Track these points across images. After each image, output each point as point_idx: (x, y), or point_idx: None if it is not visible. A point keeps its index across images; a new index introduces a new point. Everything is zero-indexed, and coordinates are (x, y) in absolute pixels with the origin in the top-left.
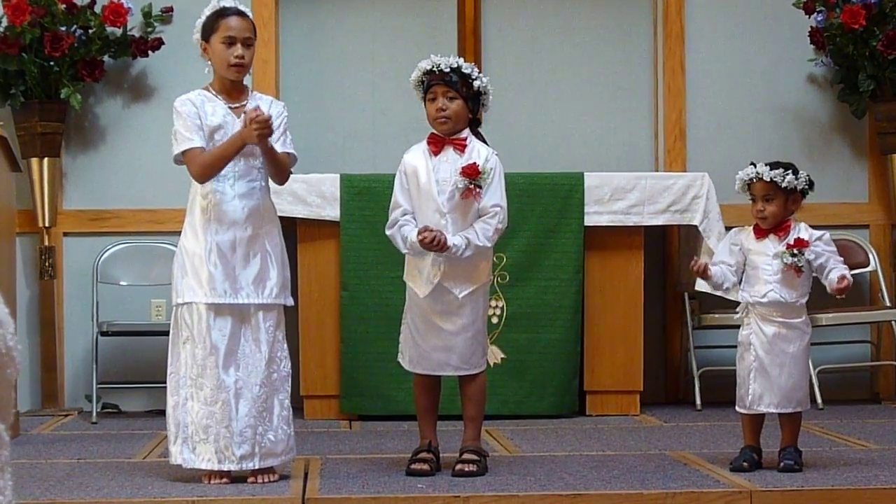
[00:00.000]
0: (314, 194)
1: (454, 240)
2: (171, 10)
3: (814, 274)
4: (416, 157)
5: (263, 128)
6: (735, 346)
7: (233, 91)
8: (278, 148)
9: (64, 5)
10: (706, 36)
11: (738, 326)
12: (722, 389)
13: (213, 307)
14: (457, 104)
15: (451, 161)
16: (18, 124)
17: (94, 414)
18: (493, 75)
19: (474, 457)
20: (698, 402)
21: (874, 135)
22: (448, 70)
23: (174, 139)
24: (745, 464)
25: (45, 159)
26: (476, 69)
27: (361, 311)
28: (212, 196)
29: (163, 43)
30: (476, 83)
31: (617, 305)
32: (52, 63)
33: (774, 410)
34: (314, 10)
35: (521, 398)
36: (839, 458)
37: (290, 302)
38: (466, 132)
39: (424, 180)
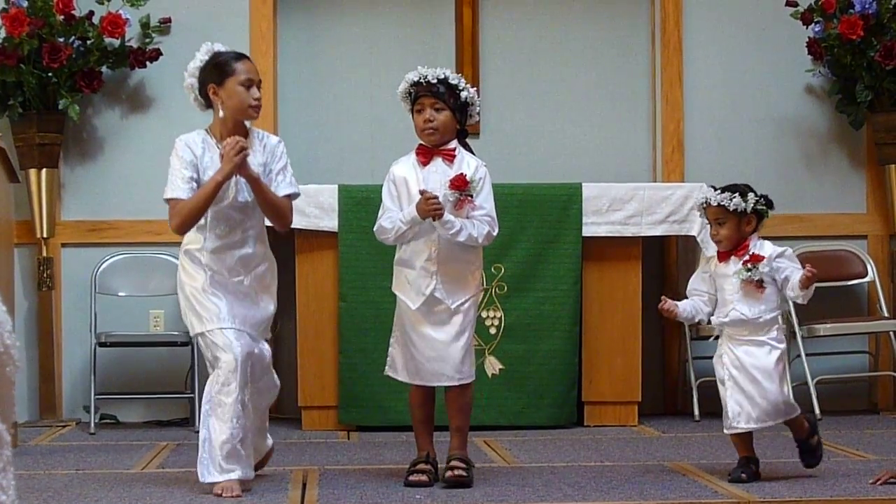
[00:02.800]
0: (312, 205)
1: (451, 218)
2: (169, 21)
3: (780, 290)
4: (405, 168)
5: (237, 151)
6: None
7: (234, 134)
8: (279, 191)
9: (62, 16)
10: (704, 46)
11: None
12: (720, 400)
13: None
14: (444, 115)
15: (440, 172)
16: (17, 135)
17: (93, 425)
18: (490, 85)
19: (462, 464)
20: (696, 412)
21: (872, 145)
22: (435, 81)
23: (167, 180)
24: (743, 475)
25: (44, 170)
26: (463, 80)
27: (359, 322)
28: (203, 243)
29: (161, 54)
30: (463, 94)
31: (615, 316)
32: (50, 74)
33: (755, 426)
34: (312, 21)
35: (519, 409)
36: (837, 469)
37: (268, 335)
38: (454, 143)
39: (415, 191)
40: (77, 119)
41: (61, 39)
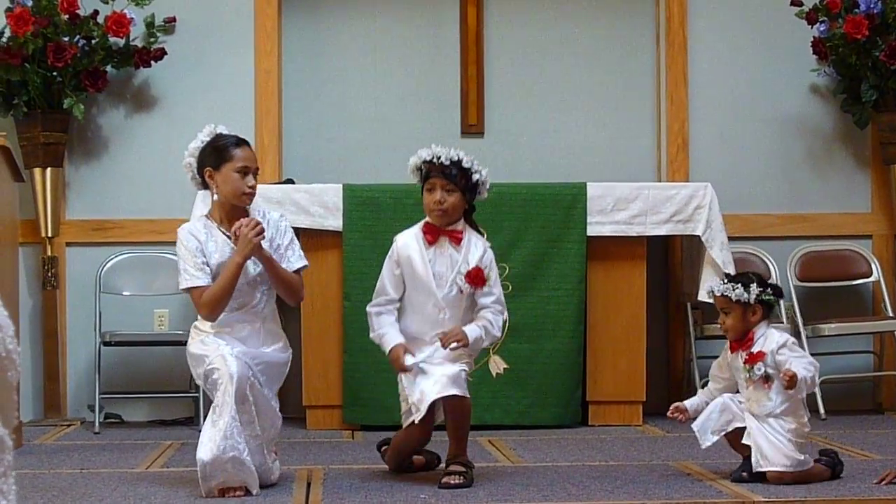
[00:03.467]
0: (316, 204)
1: (473, 333)
2: (173, 20)
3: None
4: (410, 244)
5: (257, 233)
6: None
7: (233, 217)
8: (291, 266)
9: (67, 16)
10: (709, 46)
11: None
12: None
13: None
14: (455, 197)
15: (446, 254)
16: (21, 134)
17: (97, 424)
18: (495, 84)
19: (461, 468)
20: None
21: (877, 145)
22: (448, 163)
23: (179, 270)
24: (744, 474)
25: (48, 169)
26: (476, 162)
27: (364, 322)
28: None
29: (165, 53)
30: (475, 176)
31: (620, 315)
32: (54, 73)
33: (773, 469)
34: (316, 20)
35: (523, 408)
36: None
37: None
38: (462, 223)
39: (421, 272)
40: (82, 118)
41: (66, 38)
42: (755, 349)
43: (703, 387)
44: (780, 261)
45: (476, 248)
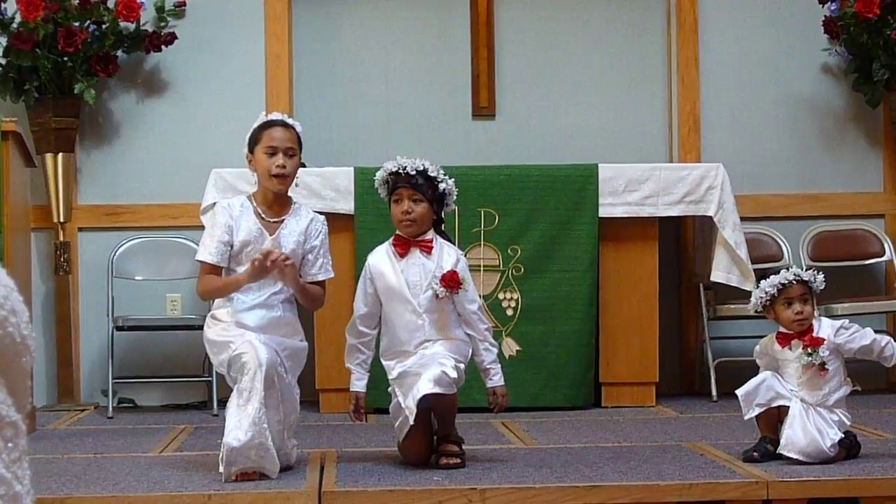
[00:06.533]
0: (328, 188)
1: (500, 378)
2: (184, 4)
3: (863, 357)
4: (382, 260)
5: (269, 265)
6: (748, 337)
7: (275, 204)
8: (318, 276)
9: (77, 0)
10: (720, 27)
11: (753, 317)
12: (737, 380)
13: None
14: (422, 207)
15: (419, 263)
16: (33, 120)
17: (110, 409)
18: (506, 66)
19: (455, 448)
20: (714, 392)
21: (889, 124)
22: (414, 173)
23: (202, 239)
24: (755, 454)
25: (60, 155)
26: (441, 171)
27: None
28: (231, 305)
29: (176, 38)
30: (441, 185)
31: (632, 297)
32: (65, 58)
33: (800, 458)
34: (327, 3)
35: (536, 390)
36: None
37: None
38: (431, 233)
39: (395, 283)
40: (93, 103)
41: (76, 24)
42: (814, 335)
43: (715, 367)
44: (793, 241)
45: (449, 256)
